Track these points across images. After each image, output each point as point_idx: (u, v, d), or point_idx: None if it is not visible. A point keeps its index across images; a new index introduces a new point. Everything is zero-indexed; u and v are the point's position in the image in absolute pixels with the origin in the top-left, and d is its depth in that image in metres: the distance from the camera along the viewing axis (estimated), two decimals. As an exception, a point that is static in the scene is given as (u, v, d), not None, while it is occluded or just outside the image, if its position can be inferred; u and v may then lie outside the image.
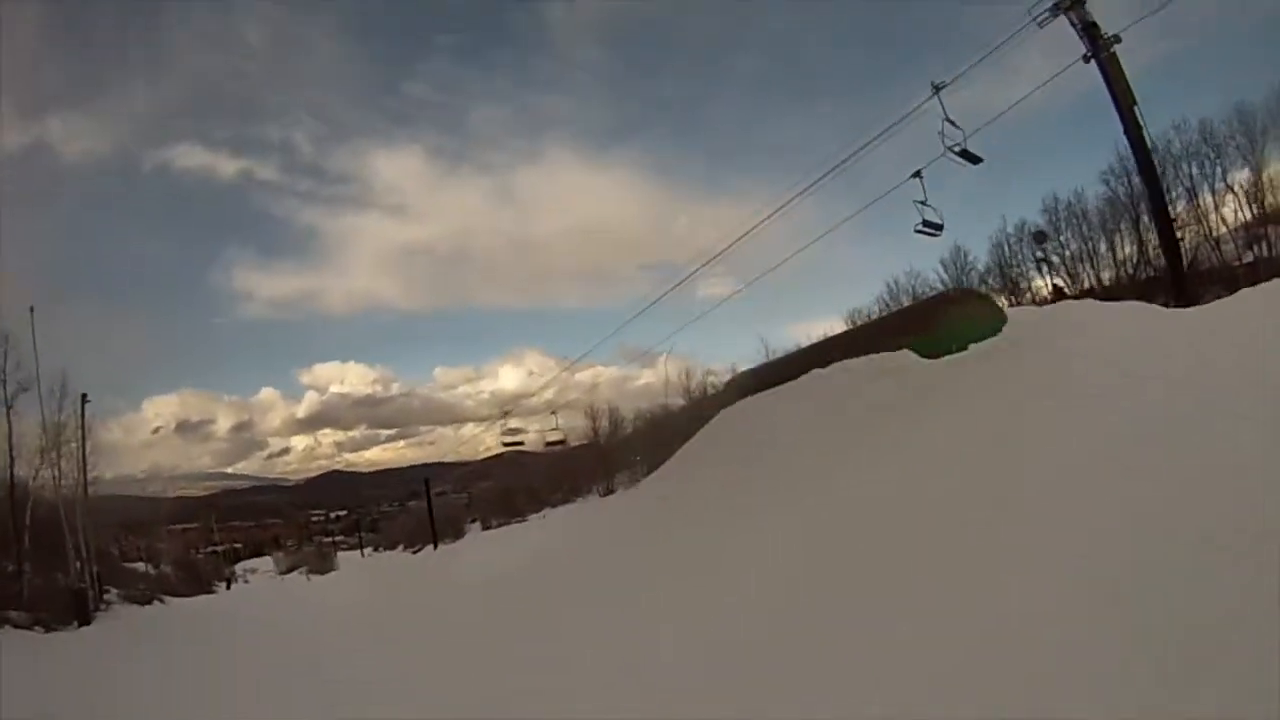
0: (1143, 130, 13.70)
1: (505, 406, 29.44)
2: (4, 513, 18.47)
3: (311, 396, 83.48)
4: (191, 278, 79.60)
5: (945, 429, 8.16)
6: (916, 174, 14.80)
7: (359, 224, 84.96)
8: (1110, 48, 13.56)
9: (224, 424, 78.53)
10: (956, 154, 14.07)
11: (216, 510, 53.81)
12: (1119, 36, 13.61)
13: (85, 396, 21.43)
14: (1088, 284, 21.91)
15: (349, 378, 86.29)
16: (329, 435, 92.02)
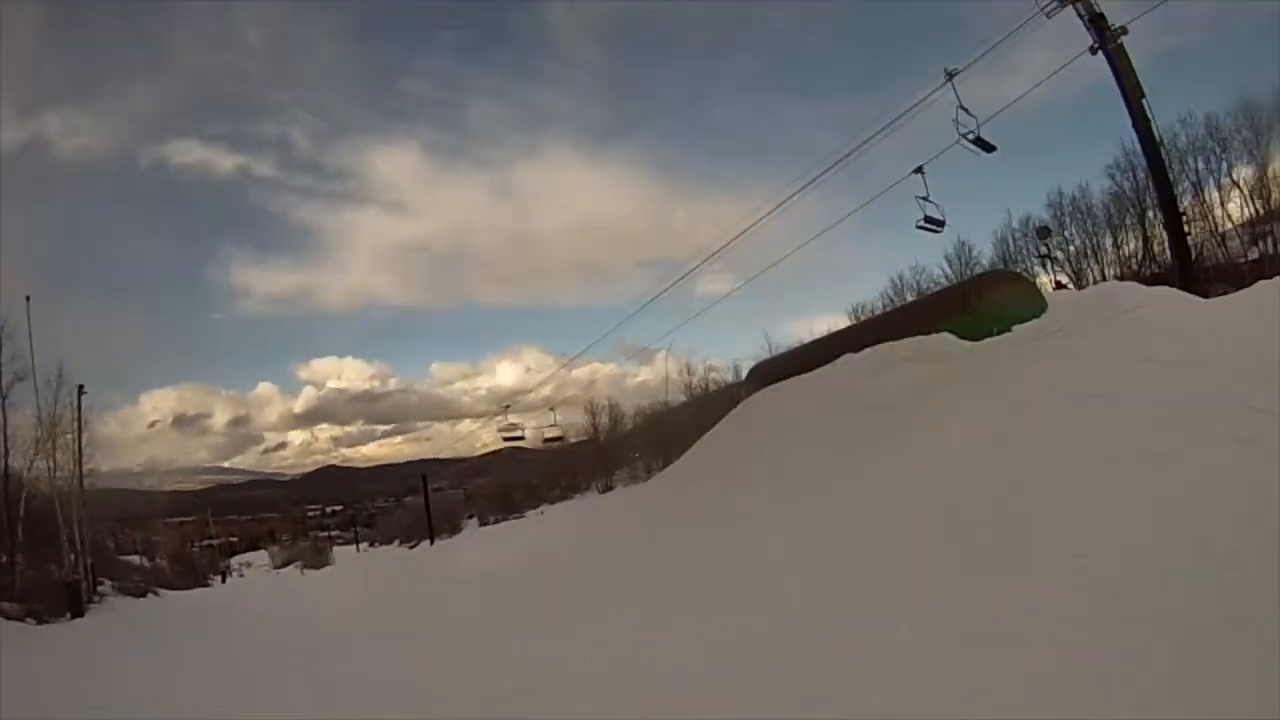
0: (1151, 123, 13.56)
1: (504, 403, 29.29)
2: (-2, 504, 18.34)
3: (309, 391, 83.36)
4: (189, 273, 79.51)
5: (981, 417, 7.81)
6: (918, 170, 14.76)
7: (356, 220, 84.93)
8: (1117, 39, 13.46)
9: (221, 418, 78.41)
10: (970, 141, 13.91)
11: (212, 504, 53.69)
12: (1125, 28, 13.53)
13: (82, 388, 21.32)
14: (1092, 280, 21.82)
15: (346, 373, 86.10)
16: (326, 430, 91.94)
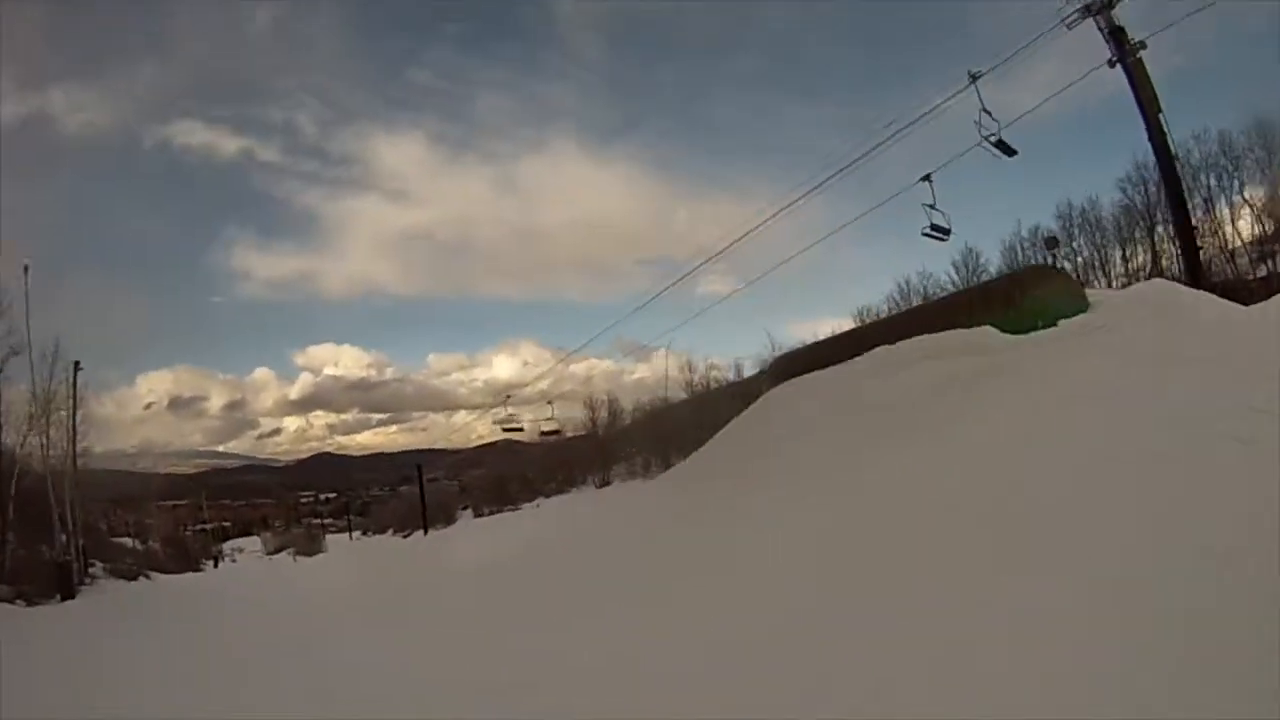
0: (1167, 137, 13.59)
1: (503, 394, 29.23)
2: (-10, 480, 18.10)
3: (305, 378, 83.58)
4: (191, 255, 79.75)
5: (1027, 412, 7.69)
6: (926, 178, 14.66)
7: (359, 207, 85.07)
8: (1136, 53, 13.47)
9: (217, 402, 78.62)
10: (992, 144, 13.83)
11: (206, 488, 53.61)
12: (1144, 43, 13.55)
13: (78, 364, 21.07)
14: (1099, 292, 21.81)
15: (343, 360, 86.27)
16: (321, 417, 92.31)
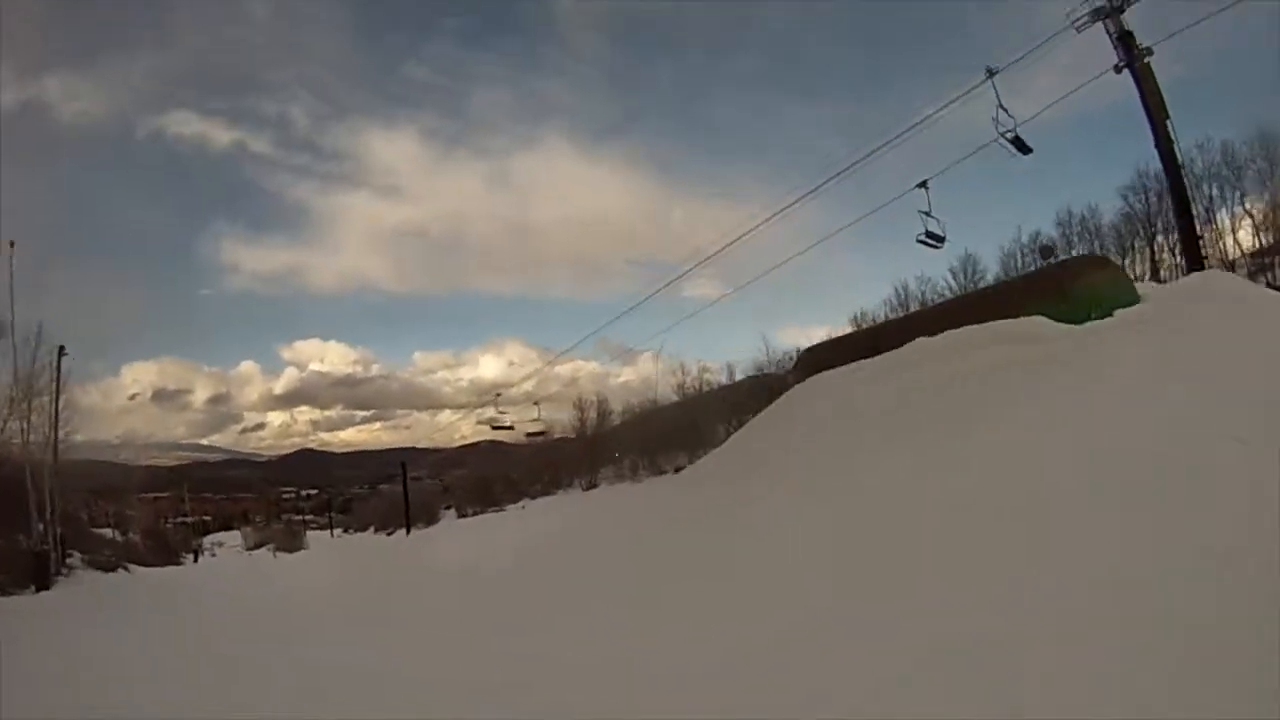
0: (1174, 144, 13.55)
1: (490, 393, 29.19)
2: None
3: (291, 373, 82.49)
4: (180, 246, 78.74)
5: (1086, 401, 7.35)
6: (922, 184, 14.70)
7: (350, 202, 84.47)
8: (1144, 59, 13.53)
9: (201, 394, 77.49)
10: (1009, 141, 13.92)
11: (188, 481, 52.90)
12: (1151, 49, 13.61)
13: (62, 349, 20.57)
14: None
15: (329, 356, 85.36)
16: (305, 413, 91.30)
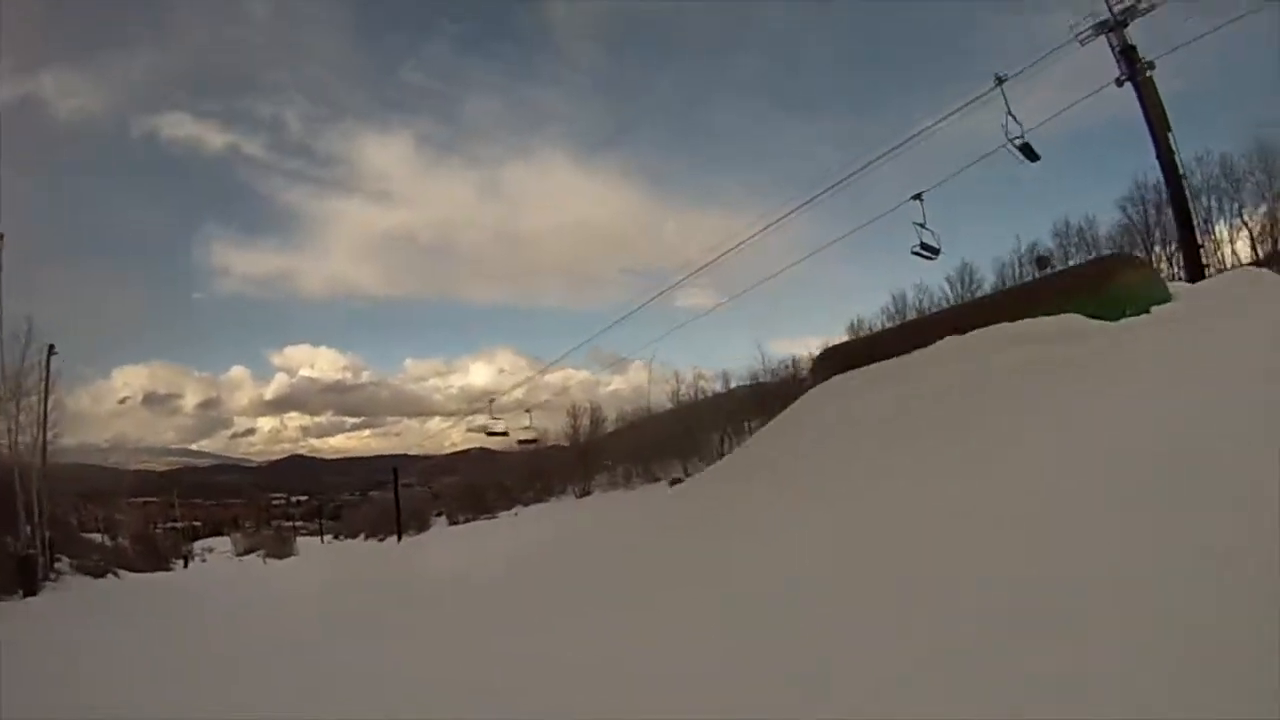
0: (1175, 155, 13.78)
1: (480, 401, 29.14)
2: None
3: (281, 378, 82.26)
4: (171, 248, 78.64)
5: (1139, 396, 6.87)
6: (917, 196, 14.76)
7: (342, 207, 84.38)
8: (1146, 72, 13.77)
9: (191, 399, 77.18)
10: (1017, 147, 14.03)
11: (178, 486, 52.51)
12: (1153, 63, 13.85)
13: (52, 348, 20.51)
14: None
15: (320, 362, 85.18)
16: (295, 419, 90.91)
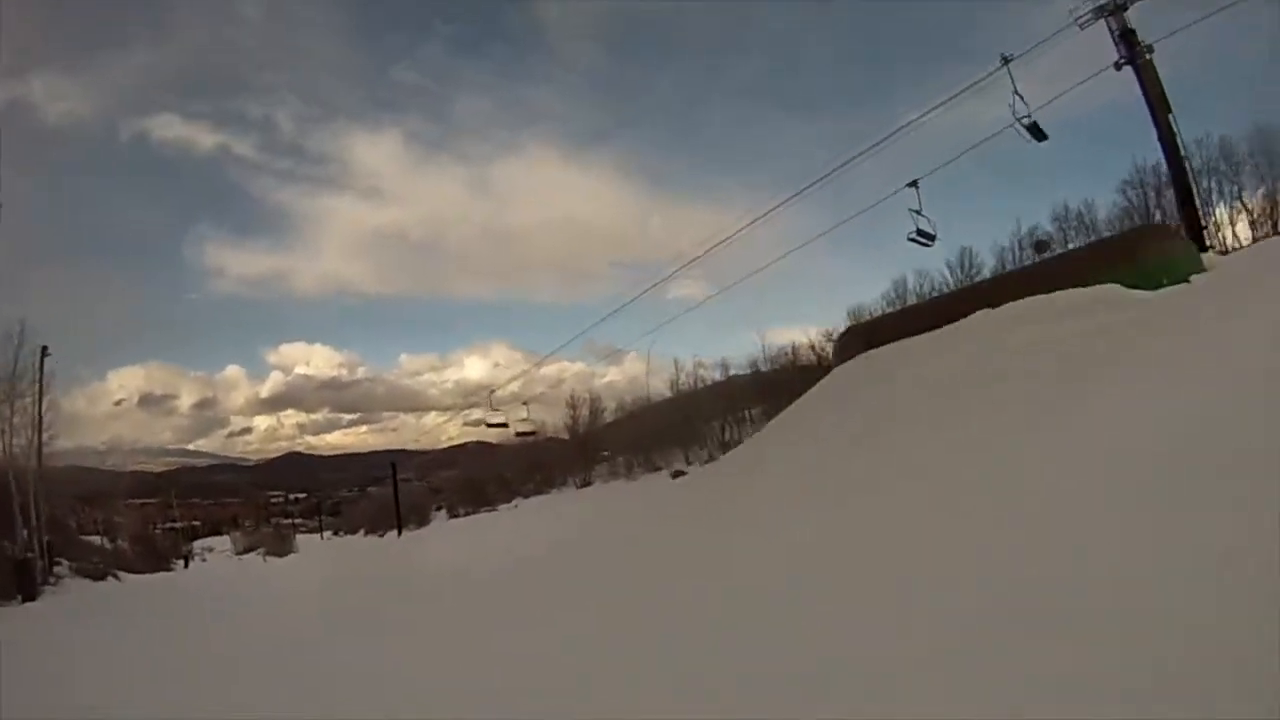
0: (1177, 138, 13.70)
1: (483, 392, 29.10)
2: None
3: (276, 376, 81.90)
4: (164, 249, 77.86)
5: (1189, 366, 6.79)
6: (913, 184, 14.78)
7: (333, 206, 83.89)
8: (1144, 56, 13.72)
9: (187, 399, 76.85)
10: (1025, 127, 14.12)
11: (175, 486, 52.29)
12: (1152, 46, 13.78)
13: (45, 349, 20.16)
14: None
15: (315, 360, 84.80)
16: (291, 416, 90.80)
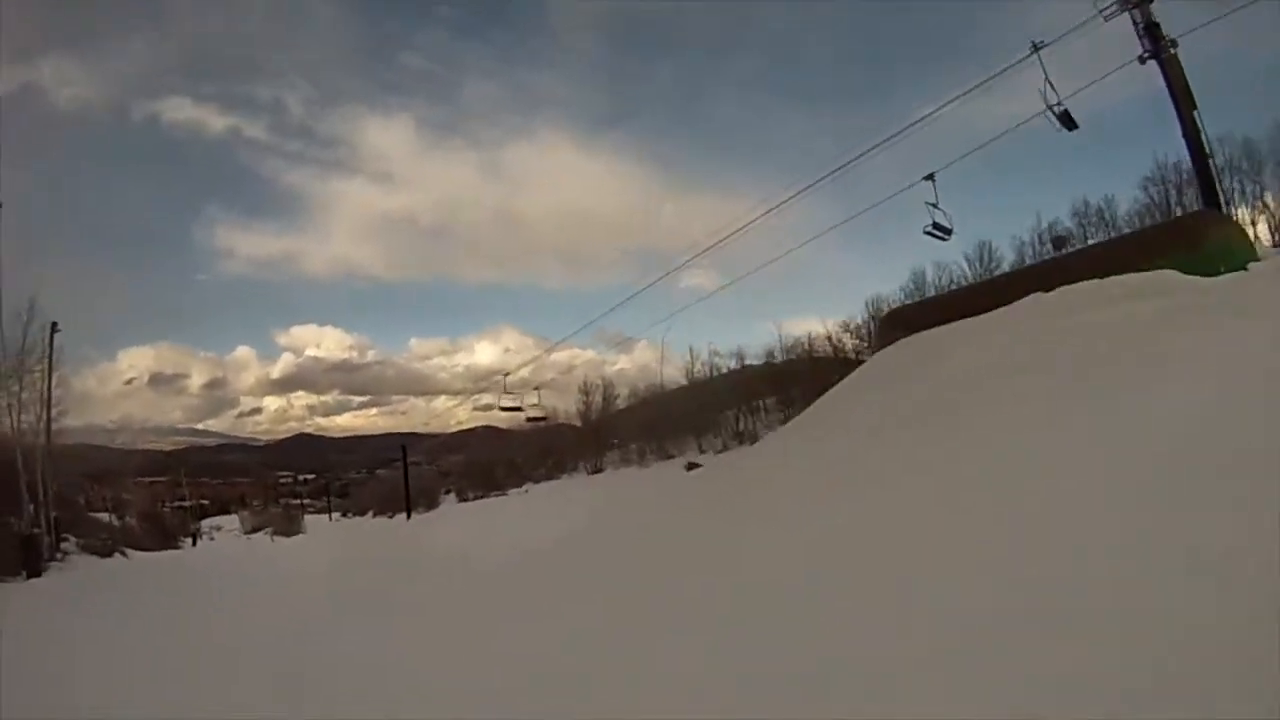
0: (1201, 133, 13.38)
1: (493, 377, 28.92)
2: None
3: (287, 358, 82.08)
4: (174, 231, 78.30)
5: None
6: (929, 177, 14.75)
7: (344, 189, 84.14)
8: (1169, 50, 13.44)
9: (198, 380, 77.36)
10: (1056, 115, 14.02)
11: (185, 465, 52.62)
12: (1176, 40, 13.49)
13: (55, 325, 20.09)
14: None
15: (325, 342, 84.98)
16: (301, 398, 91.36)
